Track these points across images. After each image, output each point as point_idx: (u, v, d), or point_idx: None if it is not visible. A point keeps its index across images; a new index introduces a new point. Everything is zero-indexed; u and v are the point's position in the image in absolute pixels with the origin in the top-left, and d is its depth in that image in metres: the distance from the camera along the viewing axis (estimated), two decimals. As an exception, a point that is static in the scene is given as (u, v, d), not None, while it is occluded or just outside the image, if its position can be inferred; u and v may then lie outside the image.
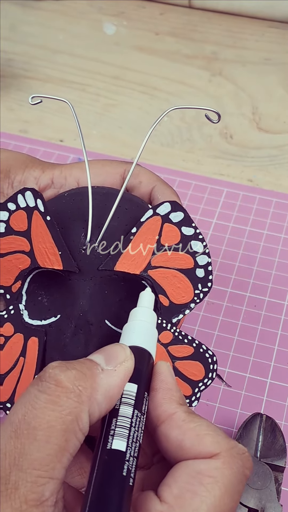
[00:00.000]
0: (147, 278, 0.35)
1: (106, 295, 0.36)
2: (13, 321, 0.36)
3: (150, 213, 0.36)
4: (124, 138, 0.66)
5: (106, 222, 0.35)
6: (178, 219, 0.36)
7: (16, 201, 0.36)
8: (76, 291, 0.35)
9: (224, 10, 0.80)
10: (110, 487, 0.25)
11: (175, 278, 0.36)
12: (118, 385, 0.28)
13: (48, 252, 0.35)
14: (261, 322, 0.50)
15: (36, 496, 0.24)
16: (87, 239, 0.35)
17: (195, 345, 0.36)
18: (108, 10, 0.81)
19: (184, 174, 0.61)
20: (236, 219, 0.57)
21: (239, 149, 0.64)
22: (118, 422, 0.27)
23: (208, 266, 0.36)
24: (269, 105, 0.69)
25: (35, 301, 0.37)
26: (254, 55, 0.74)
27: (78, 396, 0.26)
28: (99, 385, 0.27)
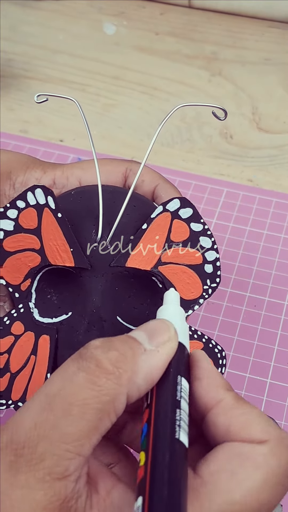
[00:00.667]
0: (158, 274, 0.35)
1: (117, 292, 0.36)
2: (23, 320, 0.36)
3: (160, 209, 0.36)
4: (124, 138, 0.66)
5: (117, 219, 0.35)
6: (187, 215, 0.36)
7: (26, 198, 0.36)
8: (88, 288, 0.35)
9: (224, 10, 0.80)
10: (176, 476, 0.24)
11: (185, 274, 0.36)
12: (160, 367, 0.27)
13: (59, 250, 0.35)
14: (261, 322, 0.50)
15: (60, 469, 0.24)
16: (98, 236, 0.35)
17: (205, 341, 0.36)
18: (108, 10, 0.81)
19: (184, 174, 0.61)
20: (236, 219, 0.57)
21: (239, 149, 0.64)
22: (181, 416, 0.26)
23: (216, 262, 0.36)
24: (269, 105, 0.69)
25: (45, 299, 0.37)
26: (254, 55, 0.74)
27: (118, 378, 0.26)
28: (140, 368, 0.27)
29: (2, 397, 0.35)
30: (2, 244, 0.36)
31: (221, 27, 0.79)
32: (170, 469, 0.24)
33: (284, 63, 0.73)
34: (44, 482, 0.24)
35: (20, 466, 0.24)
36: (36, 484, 0.24)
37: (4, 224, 0.36)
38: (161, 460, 0.24)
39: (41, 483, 0.24)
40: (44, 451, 0.24)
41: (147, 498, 0.23)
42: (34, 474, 0.24)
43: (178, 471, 0.24)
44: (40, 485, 0.24)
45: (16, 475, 0.24)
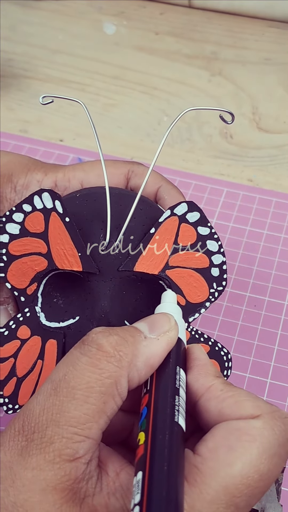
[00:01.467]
0: (165, 278, 0.35)
1: (124, 296, 0.36)
2: (29, 324, 0.36)
3: (168, 213, 0.36)
4: (124, 138, 0.66)
5: (125, 223, 0.35)
6: (194, 219, 0.36)
7: (32, 202, 0.36)
8: (96, 292, 0.35)
9: (224, 10, 0.80)
10: (174, 453, 0.25)
11: (192, 278, 0.36)
12: (160, 354, 0.28)
13: (67, 254, 0.35)
14: (261, 322, 0.50)
15: (70, 451, 0.25)
16: (106, 240, 0.35)
17: (211, 344, 0.37)
18: (108, 10, 0.81)
19: (184, 174, 0.61)
20: (236, 219, 0.57)
21: (239, 149, 0.64)
22: (180, 402, 0.27)
23: (223, 265, 0.37)
24: (269, 105, 0.69)
25: (51, 303, 0.37)
26: (254, 55, 0.74)
27: (119, 361, 0.27)
28: (140, 352, 0.28)
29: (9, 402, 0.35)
30: (7, 247, 0.36)
31: (221, 27, 0.78)
32: (169, 447, 0.25)
33: (284, 63, 0.73)
34: (54, 463, 0.25)
35: (31, 449, 0.25)
36: (46, 466, 0.25)
37: (10, 227, 0.36)
38: (161, 439, 0.25)
39: (51, 464, 0.25)
40: (53, 435, 0.25)
41: (147, 472, 0.24)
42: (44, 457, 0.25)
43: (176, 449, 0.25)
44: (50, 466, 0.25)
45: (27, 458, 0.25)
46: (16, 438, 0.26)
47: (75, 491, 0.25)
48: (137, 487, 0.24)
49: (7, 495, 0.25)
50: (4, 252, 0.36)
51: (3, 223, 0.35)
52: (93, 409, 0.26)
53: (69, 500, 0.25)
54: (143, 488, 0.23)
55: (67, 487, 0.25)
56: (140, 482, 0.24)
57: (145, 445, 0.25)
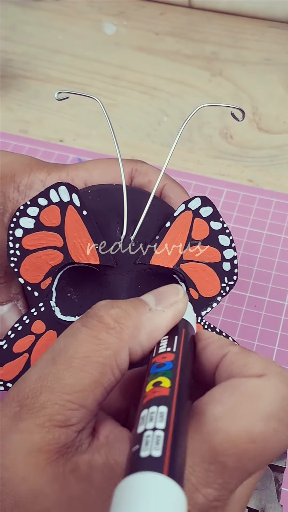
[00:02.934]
0: (179, 272, 0.36)
1: (139, 289, 0.36)
2: (44, 319, 0.36)
3: (183, 207, 0.36)
4: (124, 138, 0.66)
5: (142, 217, 0.35)
6: (207, 214, 0.37)
7: (48, 196, 0.36)
8: (113, 285, 0.35)
9: (224, 10, 0.80)
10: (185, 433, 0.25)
11: (204, 272, 0.37)
12: (164, 326, 0.28)
13: (83, 247, 0.35)
14: (261, 322, 0.50)
15: (61, 418, 0.25)
16: (123, 234, 0.35)
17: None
18: (108, 10, 0.81)
19: (184, 174, 0.61)
20: (236, 219, 0.57)
21: (239, 149, 0.64)
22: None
23: (234, 260, 0.37)
24: (269, 105, 0.69)
25: (65, 298, 0.37)
26: (254, 55, 0.74)
27: (119, 333, 0.27)
28: (143, 325, 0.27)
29: None
30: (21, 242, 0.35)
31: (221, 27, 0.78)
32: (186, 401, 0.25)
33: (285, 63, 0.73)
34: (43, 427, 0.25)
35: (23, 414, 0.25)
36: (35, 429, 0.25)
37: (24, 222, 0.35)
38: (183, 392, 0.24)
39: (39, 428, 0.25)
40: (45, 400, 0.25)
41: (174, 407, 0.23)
42: (34, 421, 0.25)
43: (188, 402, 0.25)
44: (39, 429, 0.25)
45: (17, 422, 0.25)
46: (10, 404, 0.26)
47: (62, 454, 0.25)
48: (160, 416, 0.23)
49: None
50: (17, 247, 0.35)
51: (17, 218, 0.35)
52: (89, 378, 0.25)
53: (53, 461, 0.24)
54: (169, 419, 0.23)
55: (53, 449, 0.24)
56: (165, 414, 0.23)
57: (171, 390, 0.24)
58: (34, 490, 0.24)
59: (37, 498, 0.24)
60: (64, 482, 0.24)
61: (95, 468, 0.24)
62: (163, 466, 0.20)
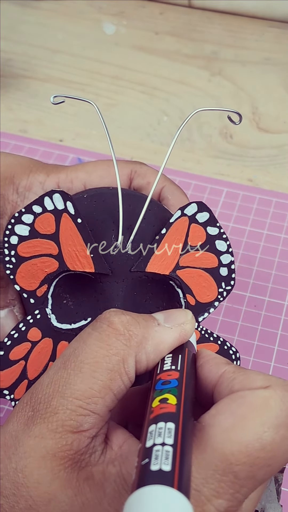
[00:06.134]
0: (176, 278, 0.36)
1: (135, 296, 0.36)
2: (40, 326, 0.36)
3: (179, 213, 0.36)
4: (123, 138, 0.66)
5: (137, 224, 0.35)
6: (204, 219, 0.36)
7: (43, 203, 0.35)
8: (109, 293, 0.35)
9: (224, 9, 0.80)
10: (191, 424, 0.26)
11: (201, 278, 0.36)
12: (170, 342, 0.28)
13: (78, 255, 0.35)
14: (261, 322, 0.50)
15: (73, 423, 0.25)
16: (118, 241, 0.35)
17: (220, 343, 0.37)
18: (108, 10, 0.81)
19: (184, 174, 0.61)
20: (236, 219, 0.57)
21: (239, 149, 0.64)
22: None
23: (231, 265, 0.37)
24: (269, 105, 0.68)
25: (61, 305, 0.37)
26: (254, 55, 0.74)
27: (128, 339, 0.27)
28: (151, 336, 0.28)
29: None
30: (16, 249, 0.35)
31: (221, 26, 0.78)
32: (190, 417, 0.25)
33: (284, 63, 0.73)
34: (56, 432, 0.25)
35: (36, 419, 0.26)
36: (48, 434, 0.25)
37: (19, 229, 0.35)
38: (188, 408, 0.25)
39: (53, 433, 0.25)
40: (57, 405, 0.25)
41: (181, 424, 0.24)
42: (47, 426, 0.25)
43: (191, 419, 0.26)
44: (52, 434, 0.25)
45: (31, 427, 0.26)
46: (24, 409, 0.27)
47: (75, 461, 0.25)
48: (168, 432, 0.23)
49: (9, 462, 0.25)
50: (13, 254, 0.35)
51: (12, 225, 0.35)
52: (99, 384, 0.26)
53: (68, 467, 0.25)
54: (177, 435, 0.23)
55: (67, 456, 0.25)
56: (173, 430, 0.23)
57: (177, 407, 0.25)
58: (48, 494, 0.25)
59: (51, 502, 0.24)
60: (78, 489, 0.25)
61: (109, 478, 0.25)
62: (173, 480, 0.21)
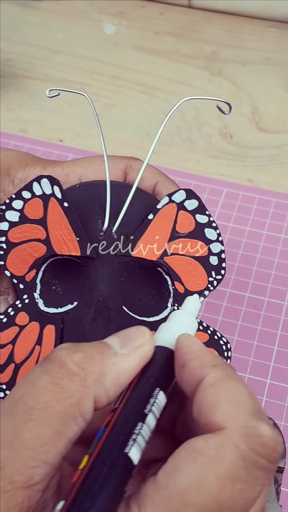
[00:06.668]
0: (163, 264, 0.35)
1: (122, 282, 0.36)
2: (28, 310, 0.36)
3: (166, 200, 0.36)
4: (123, 138, 0.66)
5: (124, 208, 0.35)
6: (193, 207, 0.36)
7: (31, 189, 0.36)
8: (94, 276, 0.35)
9: (223, 10, 0.80)
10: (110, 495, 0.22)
11: (190, 266, 0.36)
12: (130, 371, 0.26)
13: (65, 239, 0.35)
14: (261, 322, 0.50)
15: (23, 478, 0.22)
16: (104, 225, 0.35)
17: (210, 332, 0.36)
18: (108, 10, 0.81)
19: (183, 174, 0.61)
20: (236, 219, 0.57)
21: (239, 149, 0.64)
22: (142, 431, 0.24)
23: (221, 254, 0.37)
24: (269, 105, 0.69)
25: (49, 291, 0.37)
26: (254, 55, 0.74)
27: (83, 380, 0.24)
28: (109, 370, 0.25)
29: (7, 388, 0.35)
30: (7, 235, 0.36)
31: (220, 27, 0.78)
32: (103, 483, 0.22)
33: (284, 63, 0.73)
34: (5, 492, 0.22)
35: None
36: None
37: (10, 215, 0.36)
38: (97, 471, 0.22)
39: (2, 493, 0.22)
40: (5, 459, 0.23)
41: (67, 505, 0.22)
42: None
43: (111, 486, 0.22)
44: (1, 495, 0.22)
45: None
46: None
47: None
48: None
49: None
50: (3, 240, 0.36)
51: (3, 211, 0.36)
52: (51, 431, 0.23)
53: None
54: None
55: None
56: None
57: (81, 472, 0.22)
58: None
59: None
60: None
61: None
62: None
